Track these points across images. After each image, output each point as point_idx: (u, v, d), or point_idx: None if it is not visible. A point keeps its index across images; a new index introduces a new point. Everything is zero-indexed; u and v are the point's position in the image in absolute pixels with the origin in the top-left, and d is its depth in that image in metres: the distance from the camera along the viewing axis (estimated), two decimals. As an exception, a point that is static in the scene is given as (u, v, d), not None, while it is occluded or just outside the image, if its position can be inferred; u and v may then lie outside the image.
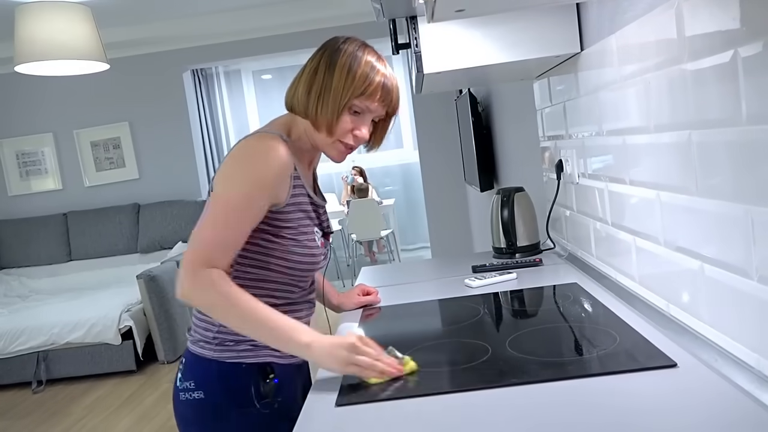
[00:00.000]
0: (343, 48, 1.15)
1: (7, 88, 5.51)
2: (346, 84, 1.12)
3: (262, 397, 1.16)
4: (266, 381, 1.17)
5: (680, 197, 0.97)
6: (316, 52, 1.18)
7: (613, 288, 1.36)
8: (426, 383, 0.97)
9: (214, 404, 1.16)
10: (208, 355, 1.17)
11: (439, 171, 5.04)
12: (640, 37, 1.06)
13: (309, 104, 1.15)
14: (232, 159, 1.13)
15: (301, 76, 1.18)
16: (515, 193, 1.85)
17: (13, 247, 5.42)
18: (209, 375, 1.16)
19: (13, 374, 4.30)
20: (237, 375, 1.15)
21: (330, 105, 1.13)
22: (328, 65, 1.13)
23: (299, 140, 1.21)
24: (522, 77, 1.86)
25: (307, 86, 1.15)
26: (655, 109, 1.03)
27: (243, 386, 1.16)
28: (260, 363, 1.17)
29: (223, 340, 1.16)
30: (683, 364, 0.91)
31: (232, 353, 1.16)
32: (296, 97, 1.17)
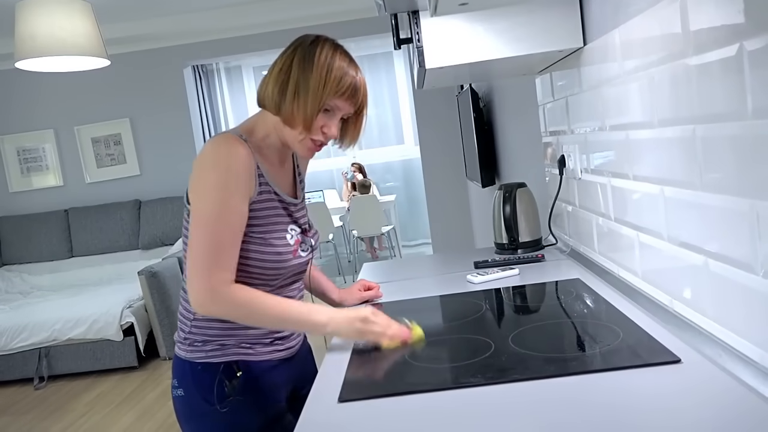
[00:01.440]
0: (318, 47, 1.17)
1: (8, 85, 5.50)
2: (323, 83, 1.14)
3: (226, 396, 1.20)
4: (232, 380, 1.20)
5: (684, 192, 0.97)
6: (288, 50, 1.19)
7: (615, 284, 1.35)
8: (429, 379, 0.97)
9: (191, 402, 1.23)
10: (181, 356, 1.24)
11: (440, 167, 5.03)
12: (643, 31, 1.05)
13: (283, 102, 1.16)
14: (196, 170, 1.14)
15: (273, 73, 1.19)
16: (517, 188, 1.84)
17: (15, 244, 5.42)
18: (185, 374, 1.23)
19: (15, 370, 4.31)
20: (202, 374, 1.21)
21: (308, 103, 1.15)
22: (303, 64, 1.15)
23: (267, 137, 1.23)
24: (524, 72, 1.85)
25: (280, 84, 1.16)
26: (659, 103, 1.02)
27: (209, 385, 1.20)
28: (227, 361, 1.21)
29: (193, 341, 1.22)
30: (687, 360, 0.90)
31: (200, 353, 1.21)
32: (267, 93, 1.18)
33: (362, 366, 1.07)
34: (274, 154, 1.26)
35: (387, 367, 1.05)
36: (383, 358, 1.09)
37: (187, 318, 1.24)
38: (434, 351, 1.10)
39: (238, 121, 7.07)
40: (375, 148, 7.83)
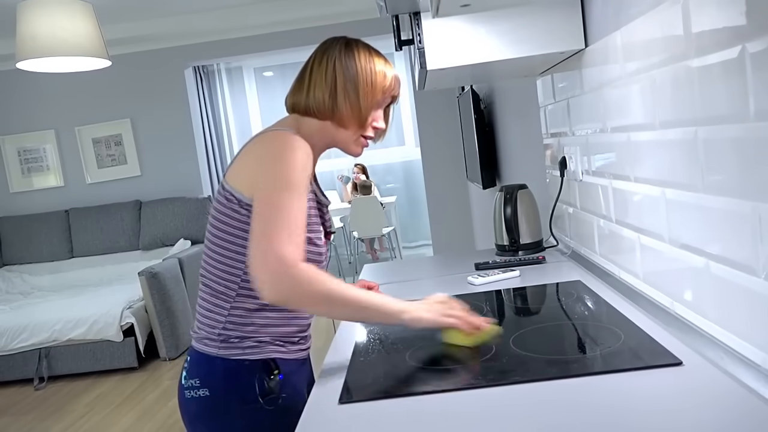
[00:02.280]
0: (354, 51, 1.22)
1: (9, 85, 5.51)
2: (372, 83, 1.21)
3: (267, 394, 1.16)
4: (270, 377, 1.17)
5: (686, 194, 0.97)
6: (322, 57, 1.22)
7: (617, 286, 1.35)
8: (430, 381, 0.97)
9: (220, 402, 1.16)
10: (212, 353, 1.17)
11: (440, 168, 5.03)
12: (645, 33, 1.05)
13: (335, 106, 1.20)
14: (266, 158, 1.11)
15: (313, 79, 1.21)
16: (518, 190, 1.84)
17: (15, 244, 5.42)
18: (214, 372, 1.17)
19: (15, 371, 4.30)
20: (241, 372, 1.16)
21: (361, 104, 1.20)
22: (347, 69, 1.20)
23: (309, 139, 1.22)
24: (525, 74, 1.85)
25: (329, 91, 1.20)
26: (660, 105, 1.02)
27: (248, 383, 1.15)
28: (264, 359, 1.17)
29: (228, 337, 1.17)
30: (689, 363, 0.90)
31: (236, 350, 1.16)
32: (315, 100, 1.20)
33: (363, 368, 1.07)
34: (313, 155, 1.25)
35: (387, 369, 1.04)
36: (383, 361, 1.09)
37: (220, 314, 1.18)
38: (434, 353, 1.10)
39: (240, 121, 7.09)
40: (376, 149, 7.83)
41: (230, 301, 1.16)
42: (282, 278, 1.01)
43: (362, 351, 1.15)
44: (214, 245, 1.17)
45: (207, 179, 5.73)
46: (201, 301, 1.22)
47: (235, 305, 1.16)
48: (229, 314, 1.17)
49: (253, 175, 1.12)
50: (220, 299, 1.17)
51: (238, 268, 1.15)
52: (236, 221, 1.14)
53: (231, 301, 1.16)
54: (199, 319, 1.21)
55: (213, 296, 1.18)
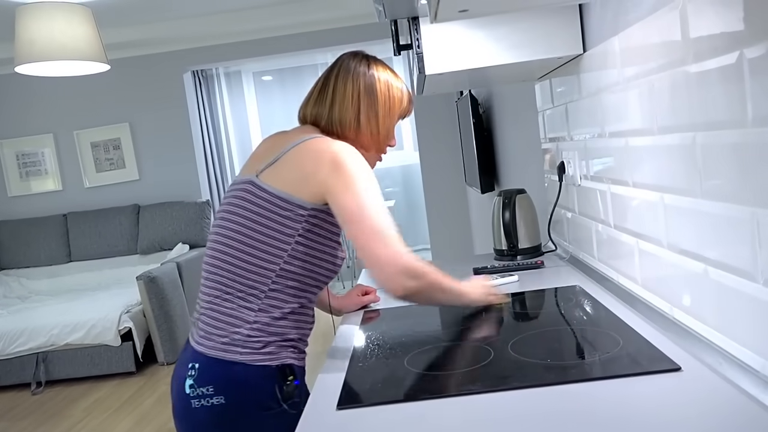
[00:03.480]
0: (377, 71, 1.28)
1: (8, 89, 5.51)
2: (395, 111, 1.30)
3: (287, 398, 1.17)
4: (287, 383, 1.18)
5: (684, 199, 0.97)
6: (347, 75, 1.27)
7: (615, 291, 1.35)
8: (428, 387, 0.96)
9: (236, 409, 1.15)
10: (234, 359, 1.15)
11: (439, 173, 5.03)
12: (643, 38, 1.05)
13: (359, 126, 1.26)
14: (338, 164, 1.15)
15: (337, 96, 1.26)
16: (516, 194, 1.84)
17: (13, 248, 5.41)
18: (233, 379, 1.15)
19: (13, 375, 4.29)
20: (262, 378, 1.16)
21: (380, 127, 1.28)
22: (369, 91, 1.26)
23: None
24: (524, 79, 1.85)
25: (355, 110, 1.25)
26: (658, 110, 1.02)
27: (268, 389, 1.16)
28: (281, 365, 1.18)
29: (252, 343, 1.16)
30: (687, 368, 0.90)
31: (258, 356, 1.16)
32: (336, 117, 1.25)
33: (361, 373, 1.06)
34: None
35: (386, 375, 1.04)
36: (382, 366, 1.09)
37: (245, 320, 1.17)
38: (433, 358, 1.10)
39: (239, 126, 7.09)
40: (374, 153, 7.82)
41: (259, 303, 1.17)
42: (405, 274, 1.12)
43: (361, 356, 1.15)
44: (244, 245, 1.17)
45: (205, 183, 5.73)
46: (221, 306, 1.18)
47: (263, 307, 1.17)
48: (257, 315, 1.17)
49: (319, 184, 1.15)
50: (249, 300, 1.17)
51: (271, 270, 1.17)
52: (278, 222, 1.16)
53: (260, 302, 1.17)
54: (217, 325, 1.18)
55: (240, 297, 1.17)
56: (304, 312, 1.24)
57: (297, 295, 1.21)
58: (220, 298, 1.19)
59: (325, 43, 5.21)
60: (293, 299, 1.20)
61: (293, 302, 1.20)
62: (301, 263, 1.19)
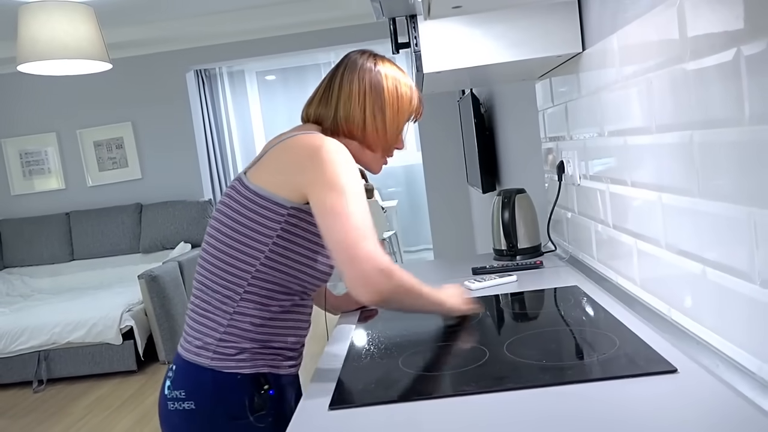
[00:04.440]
0: (384, 70, 1.22)
1: (12, 87, 5.52)
2: (404, 110, 1.24)
3: (256, 410, 1.12)
4: (261, 392, 1.13)
5: (682, 199, 0.95)
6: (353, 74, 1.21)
7: (614, 291, 1.34)
8: (421, 387, 0.95)
9: (205, 416, 1.11)
10: (204, 364, 1.12)
11: (441, 172, 5.02)
12: (641, 35, 1.04)
13: (365, 127, 1.21)
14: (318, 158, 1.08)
15: (343, 96, 1.20)
16: (516, 194, 1.83)
17: (16, 247, 5.42)
18: (203, 385, 1.12)
19: (14, 373, 4.30)
20: (232, 386, 1.11)
21: (389, 127, 1.23)
22: (376, 91, 1.20)
23: None
24: (524, 77, 1.84)
25: (361, 110, 1.20)
26: (656, 109, 1.01)
27: (238, 398, 1.11)
28: (255, 374, 1.13)
29: (223, 349, 1.12)
30: (684, 370, 0.89)
31: (230, 362, 1.12)
32: (342, 117, 1.20)
33: (355, 373, 1.05)
34: None
35: (380, 375, 1.03)
36: (376, 366, 1.08)
37: (219, 323, 1.13)
38: (428, 358, 1.09)
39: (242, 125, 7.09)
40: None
41: (234, 306, 1.12)
42: (379, 279, 1.02)
43: (355, 356, 1.14)
44: (223, 245, 1.12)
45: (208, 183, 5.73)
46: (198, 307, 1.16)
47: (239, 310, 1.12)
48: (231, 318, 1.12)
49: (299, 180, 1.08)
50: (223, 302, 1.13)
51: (247, 271, 1.11)
52: (256, 222, 1.10)
53: (235, 305, 1.12)
54: (193, 326, 1.16)
55: (216, 299, 1.13)
56: (290, 318, 1.17)
57: (278, 300, 1.14)
58: (199, 299, 1.16)
59: (329, 43, 5.21)
60: (274, 304, 1.14)
61: (274, 307, 1.14)
62: (279, 266, 1.12)
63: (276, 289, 1.13)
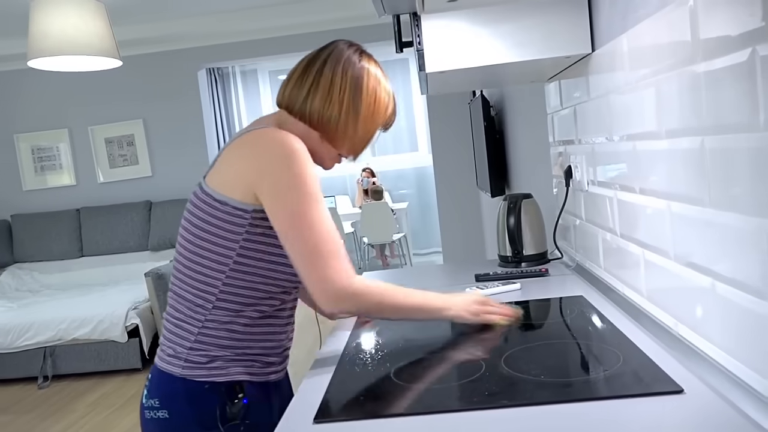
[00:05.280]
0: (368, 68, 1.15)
1: (25, 83, 5.54)
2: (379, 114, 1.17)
3: (229, 420, 1.08)
4: (234, 401, 1.09)
5: (692, 208, 0.90)
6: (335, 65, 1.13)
7: (620, 302, 1.28)
8: (411, 402, 0.91)
9: (179, 426, 1.08)
10: (176, 373, 1.09)
11: (452, 175, 4.97)
12: (652, 35, 0.99)
13: (331, 121, 1.13)
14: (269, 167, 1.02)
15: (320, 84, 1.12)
16: (522, 199, 1.77)
17: (26, 242, 5.44)
18: (175, 394, 1.09)
19: (20, 369, 4.31)
20: (204, 395, 1.08)
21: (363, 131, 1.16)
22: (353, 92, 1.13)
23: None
24: (533, 79, 1.79)
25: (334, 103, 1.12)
26: (666, 113, 0.96)
27: (209, 407, 1.07)
28: (229, 382, 1.09)
29: (195, 357, 1.09)
30: (690, 390, 0.84)
31: (202, 371, 1.08)
32: (311, 105, 1.13)
33: (344, 384, 1.01)
34: None
35: (370, 387, 0.99)
36: (367, 377, 1.03)
37: (189, 331, 1.09)
38: (419, 371, 1.04)
39: (253, 124, 7.08)
40: (389, 155, 7.78)
41: (206, 314, 1.09)
42: (344, 296, 1.04)
43: (347, 365, 1.10)
44: (191, 253, 1.09)
45: (218, 181, 5.71)
46: (171, 316, 1.13)
47: (211, 318, 1.09)
48: (203, 326, 1.09)
49: (253, 180, 1.03)
50: (194, 311, 1.09)
51: (217, 278, 1.07)
52: (219, 228, 1.06)
53: (207, 313, 1.09)
54: (167, 336, 1.13)
55: (187, 308, 1.10)
56: (269, 323, 1.13)
57: (255, 305, 1.10)
58: (173, 307, 1.13)
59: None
60: (250, 309, 1.10)
61: (251, 312, 1.10)
62: (251, 269, 1.07)
63: (251, 294, 1.09)
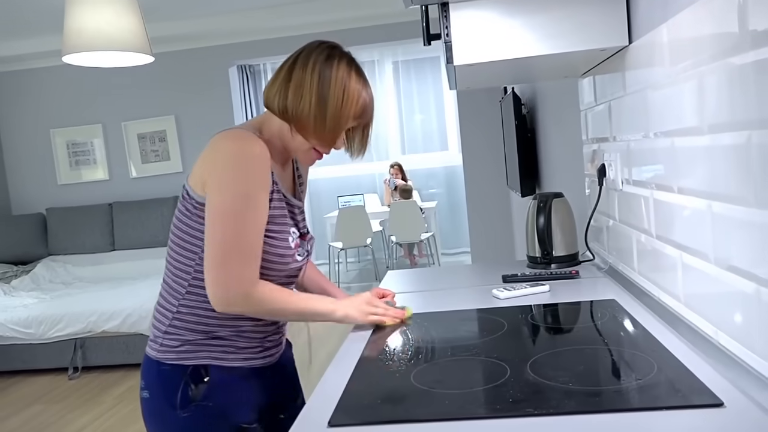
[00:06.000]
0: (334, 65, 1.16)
1: (62, 80, 5.65)
2: (341, 106, 1.16)
3: (190, 401, 1.16)
4: (198, 384, 1.16)
5: (735, 209, 0.84)
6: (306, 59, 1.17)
7: (654, 308, 1.22)
8: (430, 407, 0.86)
9: (156, 405, 1.19)
10: (151, 355, 1.20)
11: (482, 174, 4.90)
12: (694, 24, 0.93)
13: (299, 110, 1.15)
14: (214, 164, 1.12)
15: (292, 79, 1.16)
16: (553, 198, 1.71)
17: (61, 235, 5.54)
18: (152, 375, 1.19)
19: (52, 359, 4.38)
20: (170, 376, 1.17)
21: (328, 119, 1.16)
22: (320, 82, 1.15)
23: (272, 139, 1.21)
24: (566, 74, 1.73)
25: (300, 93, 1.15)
26: (709, 107, 0.90)
27: (174, 388, 1.16)
28: (196, 365, 1.17)
29: (168, 341, 1.18)
30: (731, 403, 0.78)
31: (172, 354, 1.18)
32: (280, 99, 1.17)
33: (361, 387, 0.97)
34: (278, 155, 1.25)
35: (388, 390, 0.95)
36: (385, 380, 0.99)
37: (165, 316, 1.20)
38: (442, 373, 1.00)
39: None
40: (418, 153, 7.72)
41: (180, 299, 1.18)
42: (234, 300, 1.11)
43: (366, 367, 1.06)
44: (171, 242, 1.19)
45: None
46: (157, 302, 1.23)
47: (183, 302, 1.18)
48: (177, 311, 1.18)
49: (205, 177, 1.12)
50: (171, 296, 1.19)
51: (189, 266, 1.16)
52: (189, 219, 1.16)
53: (180, 298, 1.18)
54: (152, 321, 1.25)
55: (167, 293, 1.21)
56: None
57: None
58: (159, 294, 1.23)
59: (372, 40, 5.15)
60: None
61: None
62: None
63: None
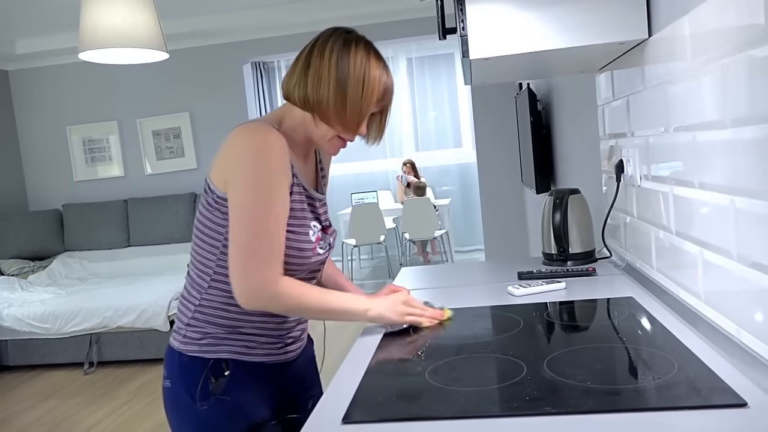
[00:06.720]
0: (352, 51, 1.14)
1: (78, 77, 5.68)
2: (362, 92, 1.14)
3: (210, 394, 1.16)
4: (218, 378, 1.16)
5: (759, 204, 0.82)
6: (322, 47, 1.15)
7: (674, 305, 1.20)
8: (446, 404, 0.85)
9: (175, 395, 1.19)
10: (174, 346, 1.20)
11: (496, 171, 4.87)
12: (717, 15, 0.91)
13: (319, 98, 1.13)
14: (233, 159, 1.11)
15: (310, 68, 1.14)
16: (569, 195, 1.69)
17: (77, 231, 5.58)
18: (174, 366, 1.20)
19: (68, 354, 4.42)
20: (192, 368, 1.17)
21: (349, 104, 1.14)
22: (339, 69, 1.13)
23: (293, 131, 1.20)
24: (583, 69, 1.70)
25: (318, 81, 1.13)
26: (732, 100, 0.88)
27: (195, 380, 1.16)
28: (217, 359, 1.17)
29: (190, 333, 1.19)
30: (754, 404, 0.76)
31: (194, 347, 1.18)
32: (299, 88, 1.15)
33: (376, 384, 0.96)
34: (299, 148, 1.23)
35: (403, 388, 0.94)
36: (400, 376, 0.98)
37: (188, 308, 1.20)
38: (457, 371, 0.98)
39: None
40: (432, 150, 7.70)
41: (202, 292, 1.18)
42: (261, 296, 1.10)
43: (380, 363, 1.05)
44: (195, 236, 1.20)
45: (261, 174, 5.75)
46: (182, 295, 1.24)
47: (206, 297, 1.18)
48: (199, 304, 1.18)
49: (227, 172, 1.11)
50: (195, 289, 1.19)
51: (210, 260, 1.16)
52: (210, 213, 1.15)
53: (203, 292, 1.18)
54: (176, 313, 1.25)
55: (191, 287, 1.20)
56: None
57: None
58: (184, 287, 1.23)
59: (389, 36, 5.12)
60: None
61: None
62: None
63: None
